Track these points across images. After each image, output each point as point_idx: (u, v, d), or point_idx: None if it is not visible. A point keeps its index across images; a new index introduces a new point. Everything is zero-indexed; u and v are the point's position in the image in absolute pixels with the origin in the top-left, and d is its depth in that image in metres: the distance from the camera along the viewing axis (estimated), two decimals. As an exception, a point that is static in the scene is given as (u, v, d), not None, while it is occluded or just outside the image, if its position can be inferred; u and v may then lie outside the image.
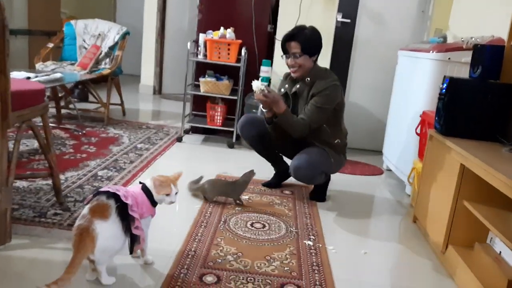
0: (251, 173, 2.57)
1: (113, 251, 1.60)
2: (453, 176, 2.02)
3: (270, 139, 2.73)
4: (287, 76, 2.73)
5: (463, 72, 2.71)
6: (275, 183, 2.87)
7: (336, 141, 2.59)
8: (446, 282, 1.94)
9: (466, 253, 1.96)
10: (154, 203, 1.74)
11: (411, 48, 3.23)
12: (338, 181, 2.97)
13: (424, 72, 2.88)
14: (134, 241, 1.64)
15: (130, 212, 1.60)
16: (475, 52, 2.31)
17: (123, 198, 1.59)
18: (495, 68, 2.24)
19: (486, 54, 2.22)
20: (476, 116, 2.19)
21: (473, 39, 2.71)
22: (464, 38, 2.84)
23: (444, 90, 2.23)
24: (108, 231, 1.54)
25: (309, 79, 2.54)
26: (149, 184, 1.74)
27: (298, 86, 2.59)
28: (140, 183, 1.76)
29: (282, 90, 2.68)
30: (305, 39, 2.51)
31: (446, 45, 2.83)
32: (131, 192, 1.67)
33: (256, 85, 2.45)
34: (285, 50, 2.58)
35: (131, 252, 1.67)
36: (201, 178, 2.69)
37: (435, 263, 2.09)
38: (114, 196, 1.59)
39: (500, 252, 1.89)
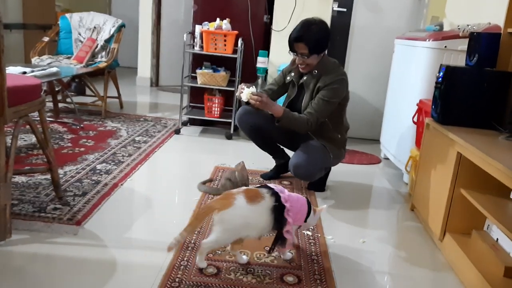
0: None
1: (228, 234, 1.69)
2: (450, 164, 2.03)
3: (268, 130, 2.71)
4: (294, 61, 2.63)
5: (460, 60, 2.71)
6: (273, 176, 2.88)
7: (336, 136, 2.59)
8: (444, 269, 1.96)
9: (464, 241, 1.98)
10: (306, 219, 1.87)
11: (408, 36, 3.22)
12: (336, 170, 2.98)
13: (421, 60, 2.88)
14: (283, 242, 1.76)
15: (285, 215, 1.73)
16: (471, 40, 2.31)
17: (283, 200, 1.73)
18: (492, 56, 2.24)
19: (483, 42, 2.22)
20: (473, 104, 2.19)
21: (470, 26, 2.70)
22: (461, 26, 2.83)
23: (440, 79, 2.24)
24: (242, 211, 1.67)
25: (316, 71, 2.51)
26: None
27: (305, 78, 2.56)
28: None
29: (288, 78, 2.65)
30: (313, 40, 2.41)
31: (443, 33, 2.83)
32: (294, 196, 1.82)
33: (246, 93, 2.38)
34: (292, 49, 2.49)
35: (271, 251, 1.80)
36: (210, 180, 2.68)
37: (433, 251, 2.11)
38: (274, 194, 1.74)
39: (497, 239, 1.91)
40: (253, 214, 1.70)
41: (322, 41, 2.47)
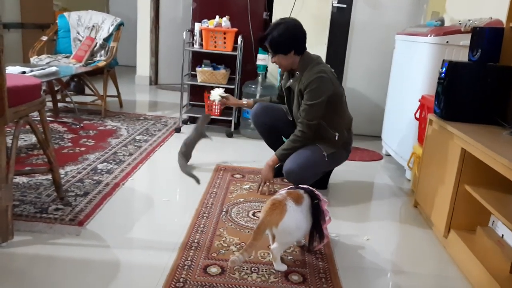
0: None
1: (290, 238, 1.77)
2: (454, 160, 2.02)
3: (282, 130, 2.67)
4: None
5: (462, 56, 2.70)
6: (275, 174, 2.85)
7: (332, 135, 2.48)
8: (449, 266, 1.95)
9: (468, 237, 1.97)
10: None
11: (408, 32, 3.20)
12: (338, 167, 2.95)
13: (422, 56, 2.86)
14: (322, 238, 1.83)
15: (325, 210, 1.83)
16: (474, 35, 2.29)
17: (319, 197, 1.82)
18: (495, 51, 2.22)
19: (485, 37, 2.20)
20: (476, 100, 2.18)
21: (471, 21, 2.69)
22: (462, 21, 2.81)
23: (443, 74, 2.22)
24: (295, 214, 1.73)
25: (298, 72, 2.48)
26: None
27: (291, 81, 2.54)
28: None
29: (281, 83, 2.67)
30: (272, 41, 2.43)
31: (444, 29, 2.81)
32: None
33: (215, 93, 2.70)
34: (264, 48, 2.55)
35: (312, 249, 1.90)
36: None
37: (437, 248, 2.10)
38: (311, 193, 1.82)
39: (503, 235, 1.90)
40: (302, 214, 1.78)
41: (283, 42, 2.42)
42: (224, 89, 2.82)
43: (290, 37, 2.43)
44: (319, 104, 2.38)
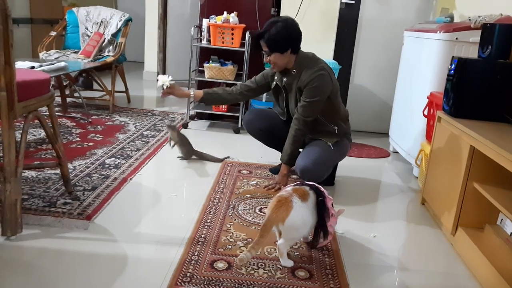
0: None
1: (296, 234, 1.77)
2: (462, 158, 2.00)
3: (278, 132, 2.66)
4: None
5: (471, 52, 2.68)
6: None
7: (332, 128, 2.50)
8: (456, 264, 1.94)
9: (476, 235, 1.95)
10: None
11: (417, 28, 3.18)
12: (345, 164, 2.96)
13: (431, 52, 2.84)
14: (326, 235, 1.83)
15: (330, 208, 1.84)
16: (484, 32, 2.27)
17: (326, 199, 1.83)
18: (505, 48, 2.19)
19: (496, 34, 2.18)
20: (486, 97, 2.16)
21: (481, 18, 2.66)
22: (472, 17, 2.79)
23: (452, 71, 2.21)
24: (301, 211, 1.74)
25: (295, 71, 2.46)
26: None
27: (285, 79, 2.52)
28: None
29: (274, 82, 2.60)
30: (269, 39, 2.39)
31: (453, 25, 2.79)
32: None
33: (162, 79, 2.55)
34: (259, 46, 2.50)
35: (316, 245, 1.89)
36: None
37: (444, 246, 2.09)
38: (316, 190, 1.83)
39: (511, 233, 1.89)
40: (308, 211, 1.78)
41: (280, 40, 2.39)
42: (171, 78, 2.61)
43: (288, 35, 2.40)
44: (318, 101, 2.40)
